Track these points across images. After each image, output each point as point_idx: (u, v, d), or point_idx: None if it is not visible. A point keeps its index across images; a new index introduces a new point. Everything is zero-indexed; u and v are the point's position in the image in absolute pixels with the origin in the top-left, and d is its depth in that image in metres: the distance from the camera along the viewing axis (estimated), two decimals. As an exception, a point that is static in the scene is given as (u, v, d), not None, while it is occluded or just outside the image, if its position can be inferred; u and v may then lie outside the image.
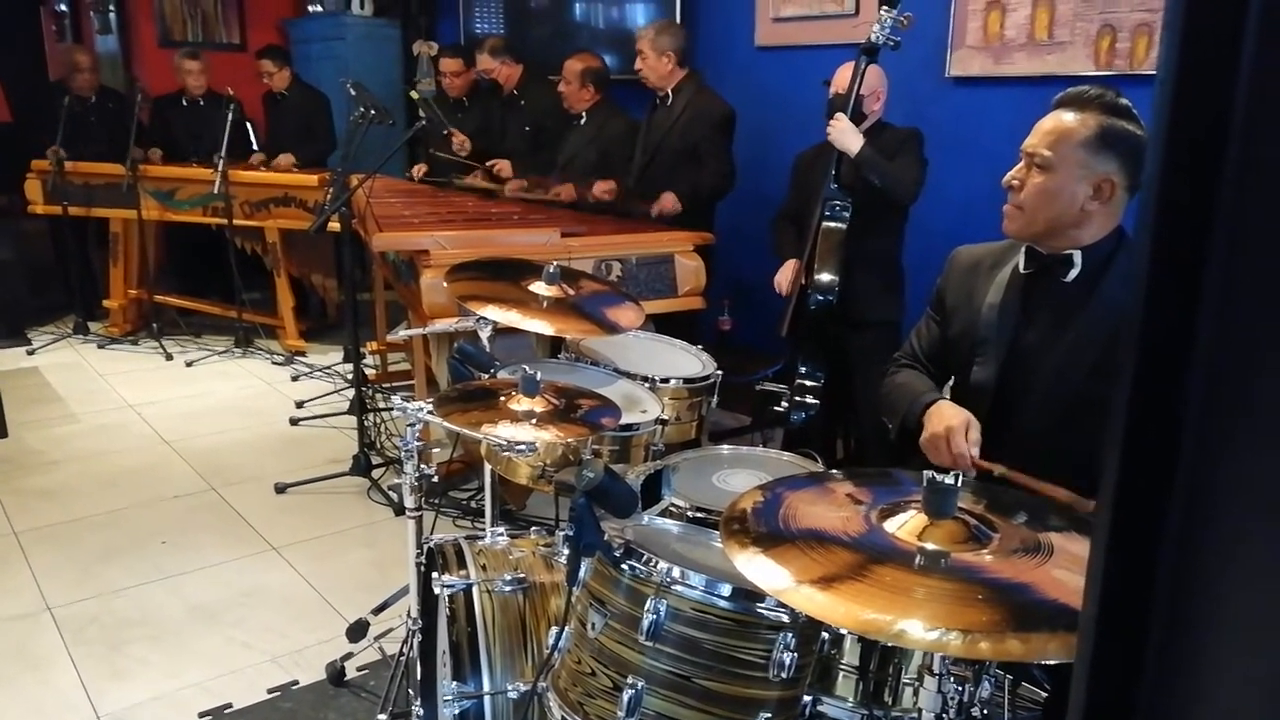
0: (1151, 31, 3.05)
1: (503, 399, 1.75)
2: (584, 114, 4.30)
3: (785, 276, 3.23)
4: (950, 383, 1.99)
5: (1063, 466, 1.66)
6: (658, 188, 3.83)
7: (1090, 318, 1.71)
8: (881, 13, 2.90)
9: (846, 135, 2.93)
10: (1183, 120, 0.50)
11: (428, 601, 1.95)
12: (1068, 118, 1.69)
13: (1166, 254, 0.51)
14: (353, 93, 3.74)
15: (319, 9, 6.58)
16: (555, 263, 2.27)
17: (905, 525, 1.21)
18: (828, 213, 2.97)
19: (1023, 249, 1.82)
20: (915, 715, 1.34)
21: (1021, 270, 1.81)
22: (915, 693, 1.32)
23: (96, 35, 6.82)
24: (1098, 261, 1.73)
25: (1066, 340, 1.73)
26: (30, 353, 5.36)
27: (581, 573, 1.41)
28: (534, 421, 1.69)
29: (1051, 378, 1.74)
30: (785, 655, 1.27)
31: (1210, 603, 0.51)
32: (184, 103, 5.74)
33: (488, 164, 4.72)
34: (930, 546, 1.16)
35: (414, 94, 4.81)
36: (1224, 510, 0.50)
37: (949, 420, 1.72)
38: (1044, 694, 1.66)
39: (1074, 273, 1.74)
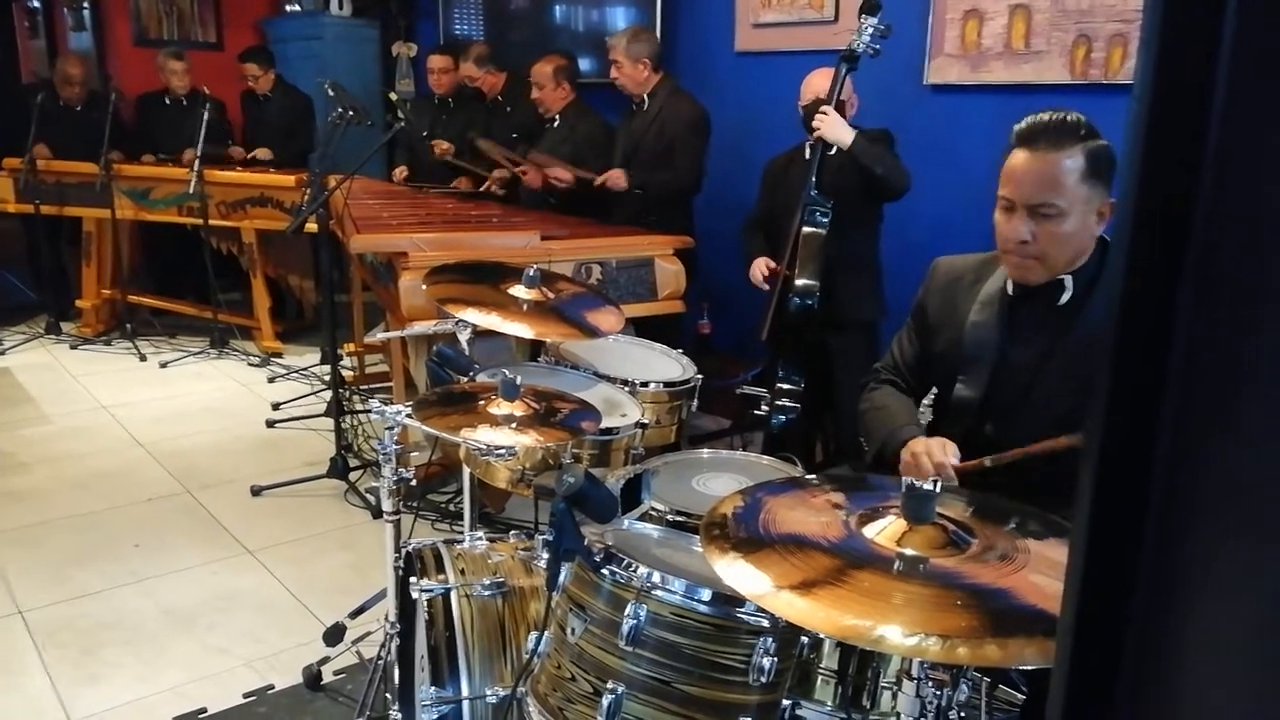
0: (1126, 42, 3.09)
1: (482, 403, 1.75)
2: (556, 116, 4.30)
3: (758, 270, 3.24)
4: (933, 394, 1.99)
5: (1054, 487, 1.67)
6: (624, 198, 3.85)
7: (1080, 336, 1.71)
8: (863, 20, 2.91)
9: (838, 129, 2.91)
10: (1159, 135, 0.50)
11: (406, 606, 1.94)
12: (1057, 157, 1.64)
13: (1142, 267, 0.51)
14: (331, 93, 3.73)
15: (297, 9, 6.54)
16: (535, 266, 2.27)
17: (884, 531, 1.22)
18: (807, 218, 2.98)
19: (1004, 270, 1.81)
20: (894, 719, 1.35)
21: (1010, 293, 1.81)
22: (894, 696, 1.32)
23: (70, 33, 6.74)
24: (1087, 280, 1.72)
25: (1057, 361, 1.73)
26: (1, 353, 5.29)
27: (561, 577, 1.41)
28: (513, 425, 1.68)
29: (1043, 398, 1.74)
30: (765, 660, 1.28)
31: (1186, 612, 0.52)
32: (166, 101, 5.70)
33: (490, 180, 4.72)
34: (909, 552, 1.17)
35: (393, 95, 4.79)
36: (1199, 521, 0.51)
37: (925, 443, 1.73)
38: (1021, 696, 1.67)
39: (1067, 296, 1.73)
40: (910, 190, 2.97)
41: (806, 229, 2.98)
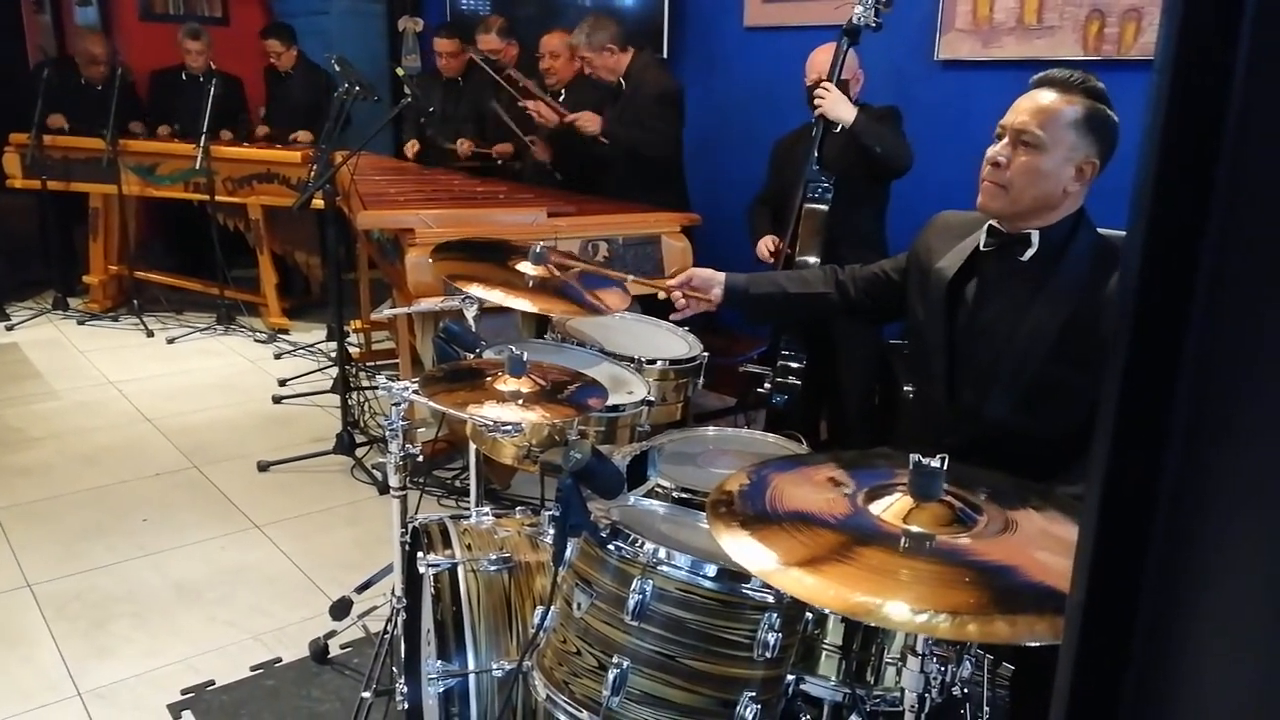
0: (1140, 17, 3.06)
1: (489, 379, 1.75)
2: (563, 89, 4.26)
3: (764, 247, 3.25)
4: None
5: (1025, 450, 1.67)
6: (619, 173, 3.85)
7: (1048, 299, 1.71)
8: None
9: (839, 105, 2.91)
10: (1179, 107, 0.49)
11: (412, 580, 1.95)
12: (1057, 98, 1.69)
13: (1161, 243, 0.51)
14: (337, 68, 3.71)
15: (303, -18, 6.50)
16: (541, 243, 2.26)
17: (890, 508, 1.21)
18: (810, 195, 2.97)
19: (985, 226, 1.81)
20: (898, 694, 1.35)
21: (982, 247, 1.81)
22: (898, 672, 1.32)
23: (76, 8, 6.70)
24: (1055, 242, 1.73)
25: (1025, 323, 1.73)
26: (9, 328, 5.30)
27: (567, 553, 1.41)
28: (520, 402, 1.68)
29: (1011, 361, 1.74)
30: (770, 635, 1.28)
31: (1198, 592, 0.51)
32: (183, 77, 5.67)
33: (494, 150, 4.70)
34: (915, 529, 1.17)
35: (400, 70, 4.77)
36: (1212, 500, 0.50)
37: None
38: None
39: (1030, 252, 1.74)
40: (912, 168, 2.96)
41: (808, 205, 2.97)
